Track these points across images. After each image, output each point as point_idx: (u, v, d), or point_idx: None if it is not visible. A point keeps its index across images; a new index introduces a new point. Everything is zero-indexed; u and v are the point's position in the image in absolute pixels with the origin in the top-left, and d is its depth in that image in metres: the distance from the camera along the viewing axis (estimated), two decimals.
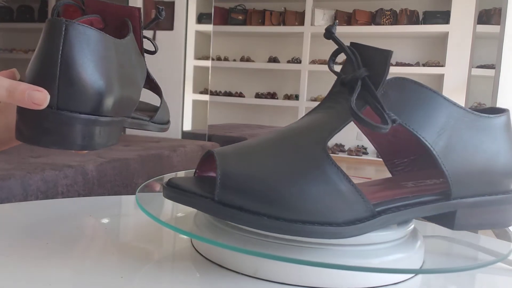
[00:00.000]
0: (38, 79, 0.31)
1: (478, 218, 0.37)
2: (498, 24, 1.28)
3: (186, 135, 2.96)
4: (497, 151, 0.36)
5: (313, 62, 4.48)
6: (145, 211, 0.37)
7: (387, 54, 0.32)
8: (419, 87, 0.34)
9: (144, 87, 0.42)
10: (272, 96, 4.70)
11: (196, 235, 0.37)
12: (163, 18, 0.41)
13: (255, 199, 0.30)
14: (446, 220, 0.36)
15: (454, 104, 0.35)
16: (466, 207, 0.36)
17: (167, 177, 0.52)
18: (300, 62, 4.47)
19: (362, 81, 0.31)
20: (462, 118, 0.35)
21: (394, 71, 4.26)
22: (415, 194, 0.36)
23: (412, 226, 0.37)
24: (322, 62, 4.44)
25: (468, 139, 0.35)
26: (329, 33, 0.32)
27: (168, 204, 0.37)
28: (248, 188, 0.30)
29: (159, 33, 2.93)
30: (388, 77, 0.32)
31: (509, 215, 0.38)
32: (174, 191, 0.32)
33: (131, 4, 2.97)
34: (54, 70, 0.30)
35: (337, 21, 0.34)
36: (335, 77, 0.36)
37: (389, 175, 0.43)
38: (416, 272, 0.35)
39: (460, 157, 0.35)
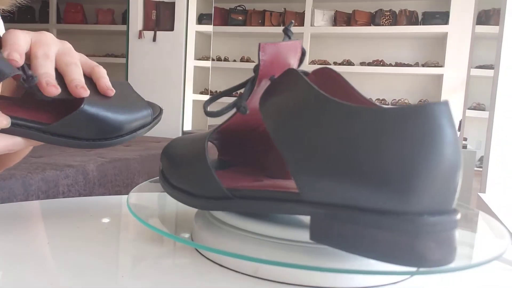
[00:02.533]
0: None
1: (345, 236, 0.28)
2: (497, 24, 1.29)
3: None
4: (376, 154, 0.26)
5: (313, 62, 4.48)
6: (143, 222, 0.37)
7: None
8: (297, 78, 0.31)
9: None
10: None
11: (195, 243, 0.37)
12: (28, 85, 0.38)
13: (166, 165, 0.40)
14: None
15: (332, 99, 0.29)
16: (322, 216, 0.29)
17: None
18: None
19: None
20: (339, 113, 0.28)
21: (394, 71, 4.26)
22: (280, 189, 0.33)
23: None
24: (322, 63, 4.44)
25: (337, 138, 0.28)
26: (284, 33, 0.36)
27: (167, 206, 0.37)
28: (167, 157, 0.41)
29: (159, 34, 2.93)
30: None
31: (389, 246, 0.26)
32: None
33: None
34: None
35: (293, 21, 0.38)
36: None
37: None
38: (412, 274, 0.35)
39: (316, 155, 0.29)
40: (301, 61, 0.41)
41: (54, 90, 0.37)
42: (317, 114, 0.29)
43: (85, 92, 0.39)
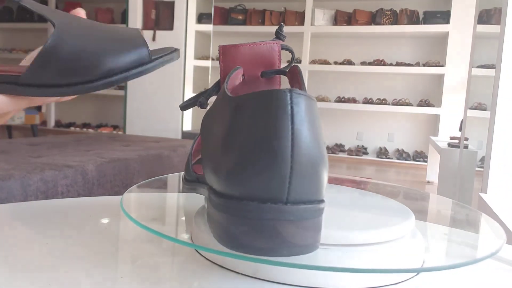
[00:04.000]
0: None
1: (216, 221, 0.28)
2: (499, 24, 1.28)
3: (186, 135, 2.96)
4: (219, 140, 0.28)
5: (313, 62, 4.48)
6: (139, 224, 0.37)
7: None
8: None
9: None
10: None
11: (195, 244, 0.37)
12: None
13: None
14: None
15: (227, 95, 0.30)
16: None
17: (170, 177, 0.52)
18: (300, 62, 4.48)
19: None
20: (229, 104, 0.29)
21: (395, 71, 4.26)
22: None
23: (412, 226, 0.37)
24: (322, 62, 4.44)
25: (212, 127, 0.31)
26: (276, 36, 0.39)
27: (165, 207, 0.37)
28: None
29: (159, 33, 2.93)
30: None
31: (219, 227, 0.27)
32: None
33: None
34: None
35: (283, 23, 0.39)
36: (336, 78, 0.37)
37: (387, 174, 0.43)
38: (416, 271, 0.35)
39: (211, 143, 0.30)
40: (291, 60, 0.41)
41: None
42: (215, 109, 0.32)
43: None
